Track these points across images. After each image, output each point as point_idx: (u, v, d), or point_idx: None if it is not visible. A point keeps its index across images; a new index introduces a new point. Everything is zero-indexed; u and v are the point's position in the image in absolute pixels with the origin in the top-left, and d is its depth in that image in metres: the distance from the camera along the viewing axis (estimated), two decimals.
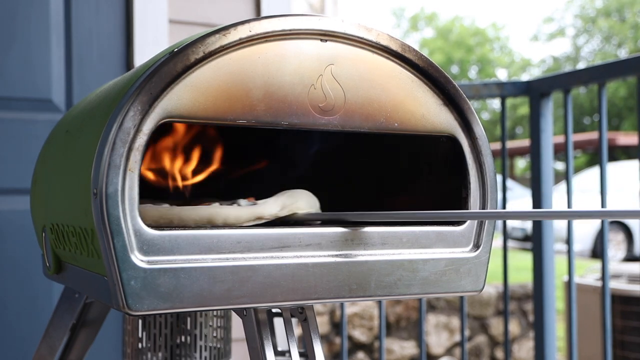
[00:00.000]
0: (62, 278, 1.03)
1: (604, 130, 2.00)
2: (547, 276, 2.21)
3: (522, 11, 42.64)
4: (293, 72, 0.85)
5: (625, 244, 9.17)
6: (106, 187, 0.75)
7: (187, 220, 0.88)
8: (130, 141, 0.77)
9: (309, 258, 0.84)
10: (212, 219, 0.88)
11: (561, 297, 5.07)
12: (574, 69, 2.16)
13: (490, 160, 0.96)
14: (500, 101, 2.34)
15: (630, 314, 3.48)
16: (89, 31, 2.09)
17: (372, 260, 0.87)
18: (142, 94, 0.77)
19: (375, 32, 0.90)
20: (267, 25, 0.83)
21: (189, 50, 0.79)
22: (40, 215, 1.09)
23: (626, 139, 14.71)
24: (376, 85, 0.90)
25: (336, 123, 0.87)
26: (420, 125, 0.93)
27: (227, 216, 0.88)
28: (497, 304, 4.70)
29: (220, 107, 0.81)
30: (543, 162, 2.22)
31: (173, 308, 0.77)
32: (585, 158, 20.06)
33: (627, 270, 3.68)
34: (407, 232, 0.90)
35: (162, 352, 1.21)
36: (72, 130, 0.97)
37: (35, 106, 2.02)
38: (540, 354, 2.23)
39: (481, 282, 0.94)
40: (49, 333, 1.18)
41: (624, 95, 19.41)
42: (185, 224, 0.87)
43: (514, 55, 26.70)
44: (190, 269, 0.78)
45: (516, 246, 9.58)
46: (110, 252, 0.75)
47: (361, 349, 4.37)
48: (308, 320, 0.92)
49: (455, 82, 0.96)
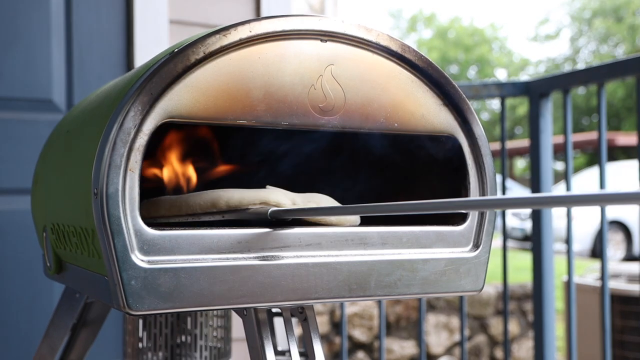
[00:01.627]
0: (62, 278, 1.03)
1: (603, 130, 2.01)
2: (547, 276, 2.21)
3: (520, 11, 42.65)
4: (293, 73, 0.85)
5: (625, 244, 9.17)
6: (107, 187, 0.76)
7: (193, 205, 0.86)
8: (131, 141, 0.77)
9: (309, 258, 0.84)
10: (215, 202, 0.86)
11: (561, 297, 5.07)
12: (574, 70, 2.16)
13: (489, 160, 0.96)
14: (499, 101, 2.34)
15: (629, 313, 3.49)
16: (90, 31, 2.09)
17: (372, 260, 0.88)
18: (142, 94, 0.77)
19: (375, 33, 0.90)
20: (267, 26, 0.83)
21: (190, 50, 0.79)
22: (41, 215, 1.09)
23: (625, 139, 14.71)
24: (376, 85, 0.90)
25: (336, 123, 0.87)
26: (420, 126, 0.93)
27: (230, 198, 0.86)
28: (497, 304, 4.70)
29: (220, 107, 0.81)
30: (542, 162, 2.22)
31: (173, 308, 0.78)
32: (584, 158, 20.06)
33: (627, 270, 3.69)
34: (407, 232, 0.91)
35: (162, 351, 1.22)
36: (73, 131, 0.97)
37: (36, 106, 2.02)
38: (539, 354, 2.23)
39: (481, 282, 0.95)
40: (50, 333, 1.18)
41: (622, 96, 19.41)
42: (192, 210, 0.87)
43: (513, 56, 26.71)
44: (190, 268, 0.78)
45: (516, 246, 9.58)
46: (110, 252, 0.76)
47: (361, 349, 4.37)
48: (308, 320, 0.92)
49: (455, 82, 0.96)
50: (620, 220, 9.16)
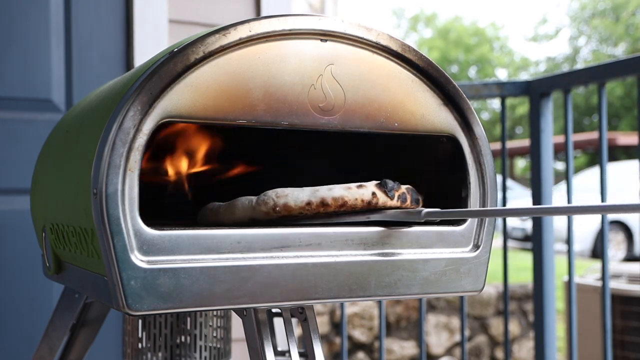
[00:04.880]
0: (62, 278, 1.03)
1: (604, 130, 2.00)
2: (547, 276, 2.21)
3: (521, 10, 42.67)
4: (293, 72, 0.85)
5: (625, 244, 9.17)
6: (106, 187, 0.75)
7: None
8: (130, 141, 0.77)
9: (309, 258, 0.84)
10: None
11: (561, 297, 5.07)
12: (574, 69, 2.16)
13: (490, 160, 0.96)
14: (500, 101, 2.34)
15: (630, 314, 3.48)
16: (89, 31, 2.09)
17: (372, 260, 0.87)
18: (142, 94, 0.77)
19: (375, 32, 0.90)
20: (267, 25, 0.83)
21: (189, 50, 0.79)
22: (40, 215, 1.09)
23: (626, 139, 14.71)
24: (376, 85, 0.90)
25: (336, 123, 0.87)
26: (420, 125, 0.93)
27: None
28: (497, 304, 4.70)
29: (220, 107, 0.81)
30: (543, 162, 2.22)
31: (173, 308, 0.77)
32: (585, 158, 20.06)
33: (627, 270, 3.68)
34: (407, 232, 0.90)
35: (162, 352, 1.21)
36: (72, 130, 0.97)
37: (35, 106, 2.02)
38: (540, 354, 2.23)
39: (481, 282, 0.94)
40: (49, 333, 1.18)
41: (620, 94, 19.40)
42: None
43: (514, 55, 26.71)
44: (190, 269, 0.78)
45: (516, 246, 9.58)
46: (110, 252, 0.75)
47: (361, 349, 4.37)
48: (308, 320, 0.92)
49: (455, 82, 0.96)
50: (621, 220, 9.16)
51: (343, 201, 0.86)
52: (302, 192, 0.86)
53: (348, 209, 0.86)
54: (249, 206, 0.87)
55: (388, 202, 0.87)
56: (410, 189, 0.91)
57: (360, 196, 0.86)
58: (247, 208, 0.88)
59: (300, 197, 0.85)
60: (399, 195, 0.89)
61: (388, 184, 0.88)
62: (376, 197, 0.87)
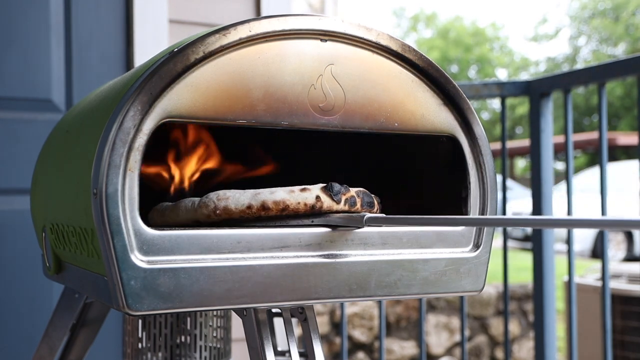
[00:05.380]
0: (62, 278, 1.03)
1: (604, 130, 2.00)
2: (547, 276, 2.21)
3: (521, 11, 42.65)
4: (293, 72, 0.85)
5: (625, 244, 9.17)
6: (106, 187, 0.75)
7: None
8: (130, 141, 0.77)
9: (309, 258, 0.84)
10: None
11: (561, 297, 5.07)
12: (574, 69, 2.16)
13: (490, 160, 0.96)
14: (500, 101, 2.34)
15: (630, 314, 3.48)
16: (89, 31, 2.09)
17: (372, 260, 0.87)
18: (142, 94, 0.77)
19: (375, 32, 0.90)
20: (267, 25, 0.83)
21: (189, 50, 0.79)
22: (40, 215, 1.09)
23: (626, 139, 14.70)
24: (376, 85, 0.90)
25: (336, 123, 0.87)
26: (420, 125, 0.93)
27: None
28: (497, 304, 4.70)
29: (220, 107, 0.81)
30: (543, 162, 2.22)
31: (173, 308, 0.77)
32: (585, 158, 20.06)
33: (627, 270, 3.68)
34: (407, 232, 0.90)
35: (162, 352, 1.21)
36: (72, 130, 0.97)
37: (35, 106, 2.02)
38: (540, 354, 2.23)
39: (481, 282, 0.94)
40: (49, 333, 1.18)
41: (620, 94, 19.40)
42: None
43: (514, 55, 26.70)
44: (190, 269, 0.78)
45: (516, 246, 9.58)
46: (110, 252, 0.75)
47: (361, 349, 4.37)
48: (308, 320, 0.92)
49: (455, 82, 0.96)
50: None
51: (284, 205, 0.85)
52: (243, 194, 0.85)
53: (290, 212, 0.85)
54: (191, 208, 0.87)
55: (334, 206, 0.86)
56: (363, 192, 0.89)
57: (304, 200, 0.85)
58: (189, 210, 0.87)
59: (241, 201, 0.85)
60: (347, 199, 0.87)
61: (334, 188, 0.87)
62: (320, 201, 0.85)
